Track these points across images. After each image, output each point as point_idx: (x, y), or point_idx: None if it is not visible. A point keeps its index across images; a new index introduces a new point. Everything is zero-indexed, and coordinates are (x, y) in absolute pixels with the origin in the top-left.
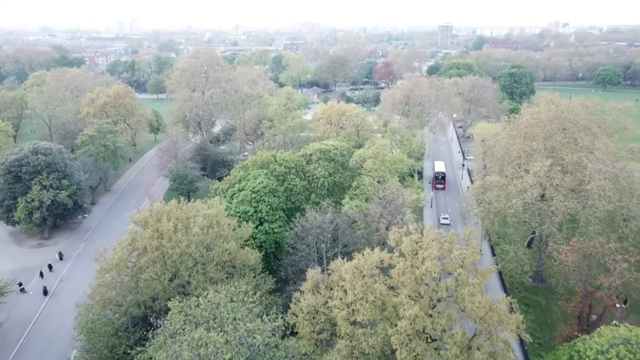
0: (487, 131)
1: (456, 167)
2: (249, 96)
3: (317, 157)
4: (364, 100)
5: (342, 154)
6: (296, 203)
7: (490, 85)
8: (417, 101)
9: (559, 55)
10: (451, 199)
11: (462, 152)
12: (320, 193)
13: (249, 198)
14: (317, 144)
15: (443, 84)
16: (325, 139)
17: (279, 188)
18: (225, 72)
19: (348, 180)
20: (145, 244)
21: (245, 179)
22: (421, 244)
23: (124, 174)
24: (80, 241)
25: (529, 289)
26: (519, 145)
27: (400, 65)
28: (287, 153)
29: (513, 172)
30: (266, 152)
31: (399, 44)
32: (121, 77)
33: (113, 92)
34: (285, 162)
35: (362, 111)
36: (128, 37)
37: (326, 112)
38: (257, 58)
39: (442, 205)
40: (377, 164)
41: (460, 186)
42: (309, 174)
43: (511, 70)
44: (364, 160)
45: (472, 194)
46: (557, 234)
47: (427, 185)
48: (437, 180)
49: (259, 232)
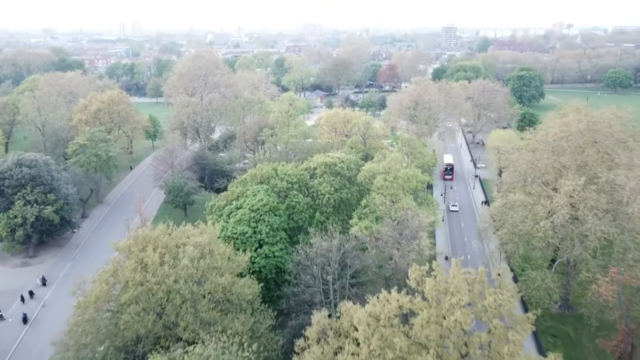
0: (502, 140)
1: (467, 176)
2: (250, 102)
3: (321, 171)
4: (369, 104)
5: (349, 168)
6: (299, 222)
7: (501, 89)
8: (426, 106)
9: (567, 57)
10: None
11: (474, 161)
12: (326, 211)
13: (247, 217)
14: (321, 157)
15: (452, 88)
16: (330, 148)
17: (280, 206)
18: (224, 76)
19: (356, 197)
20: (128, 278)
21: (243, 195)
22: (447, 286)
23: (119, 184)
24: (67, 260)
25: (555, 318)
26: (547, 160)
27: (404, 68)
28: (289, 166)
29: (540, 191)
30: (267, 165)
31: (402, 45)
32: (120, 80)
33: (107, 98)
34: (287, 176)
35: (368, 118)
36: (130, 39)
37: (330, 119)
38: (259, 61)
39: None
40: (388, 181)
41: (473, 200)
42: (313, 190)
43: (520, 73)
44: (374, 176)
45: (493, 214)
46: (590, 261)
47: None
48: (445, 172)
49: (258, 255)
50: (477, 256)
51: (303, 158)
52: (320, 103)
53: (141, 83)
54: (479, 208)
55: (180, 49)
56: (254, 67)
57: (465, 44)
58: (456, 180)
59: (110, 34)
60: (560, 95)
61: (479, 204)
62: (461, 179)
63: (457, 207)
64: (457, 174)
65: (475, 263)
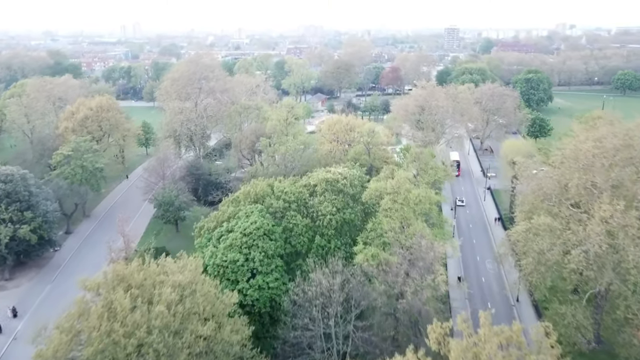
0: (516, 151)
1: (477, 185)
2: (247, 108)
3: (322, 189)
4: (372, 108)
5: (352, 184)
6: (297, 247)
7: (511, 93)
8: (433, 112)
9: (573, 58)
10: (465, 185)
11: (483, 170)
12: (327, 233)
13: (239, 243)
14: (322, 173)
15: (460, 93)
16: (331, 158)
17: (275, 229)
18: (220, 81)
19: (360, 217)
20: (93, 326)
21: (235, 216)
22: (478, 350)
23: (109, 195)
24: (46, 282)
25: (585, 355)
26: (577, 180)
27: (408, 70)
28: (287, 183)
29: (569, 214)
30: (262, 181)
31: (404, 47)
32: (117, 84)
33: (95, 105)
34: (285, 194)
35: (372, 126)
36: (130, 42)
37: (332, 127)
38: (258, 63)
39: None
40: (398, 203)
41: (485, 214)
42: (312, 210)
43: (527, 76)
44: (380, 196)
45: (515, 239)
46: (629, 297)
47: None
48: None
49: (251, 287)
50: (492, 279)
51: (302, 171)
52: (322, 107)
53: (138, 87)
54: (491, 223)
55: (180, 51)
56: (253, 70)
57: (468, 45)
58: (465, 192)
59: (111, 36)
60: (567, 98)
61: (492, 219)
62: (471, 192)
63: (464, 202)
64: (467, 186)
65: (491, 288)
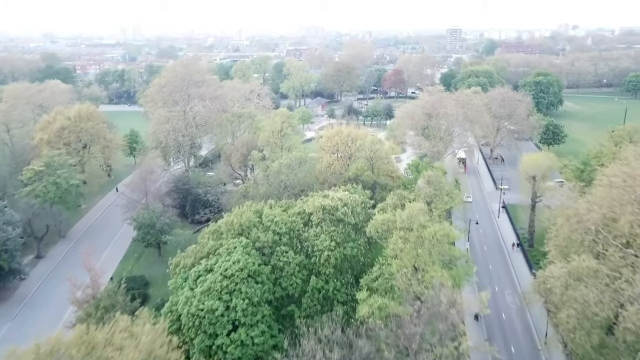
0: (537, 165)
1: (489, 199)
2: (239, 117)
3: (319, 219)
4: (374, 113)
5: (354, 213)
6: (289, 290)
7: (523, 98)
8: (441, 120)
9: (582, 60)
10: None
11: (495, 182)
12: (325, 273)
13: (218, 287)
14: (319, 199)
15: (471, 100)
16: (331, 175)
17: (263, 269)
18: (211, 87)
19: (364, 251)
20: None
21: (216, 252)
22: None
23: (90, 212)
24: (7, 320)
25: None
26: (632, 216)
27: (411, 73)
28: (278, 210)
29: (622, 256)
30: (249, 207)
31: (406, 48)
32: (110, 88)
33: (73, 115)
34: (275, 224)
35: (376, 139)
36: (129, 44)
37: (332, 139)
38: (256, 66)
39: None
40: (411, 242)
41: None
42: (307, 244)
43: (537, 79)
44: (389, 230)
45: (551, 287)
46: None
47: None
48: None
49: (232, 343)
50: (515, 316)
51: (298, 191)
52: (322, 112)
53: (132, 91)
54: (508, 247)
55: (179, 54)
56: (251, 74)
57: (471, 46)
58: (477, 208)
59: (112, 38)
60: (577, 101)
61: (508, 239)
62: (484, 207)
63: (472, 199)
64: (478, 200)
65: (513, 326)
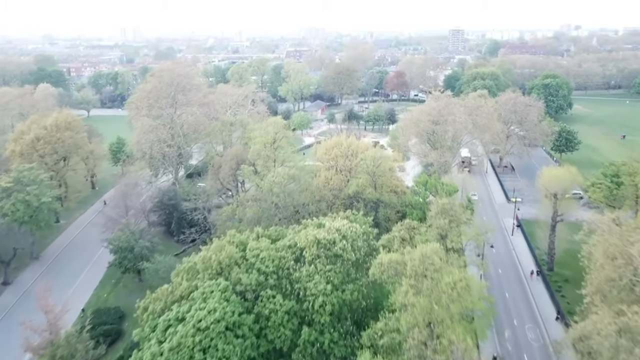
0: (558, 181)
1: (501, 215)
2: (230, 125)
3: (313, 255)
4: (375, 118)
5: (354, 247)
6: (276, 343)
7: (535, 103)
8: (449, 128)
9: (590, 61)
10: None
11: (506, 194)
12: (319, 321)
13: (190, 342)
14: (312, 229)
15: (481, 106)
16: (329, 190)
17: (245, 319)
18: (200, 92)
19: (365, 295)
20: None
21: (189, 297)
22: None
23: (68, 228)
24: None
25: None
26: None
27: (414, 75)
28: (265, 243)
29: None
30: (231, 239)
31: (408, 49)
32: (103, 91)
33: (50, 123)
34: (260, 260)
35: (378, 152)
36: (128, 45)
37: (330, 151)
38: (254, 68)
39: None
40: (425, 293)
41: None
42: (299, 286)
43: (546, 81)
44: (397, 273)
45: (595, 343)
46: None
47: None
48: (463, 164)
49: None
50: (538, 356)
51: (291, 213)
52: (321, 115)
53: (126, 94)
54: (526, 272)
55: (177, 55)
56: (248, 76)
57: (473, 47)
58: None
59: (111, 39)
60: (585, 103)
61: (524, 262)
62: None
63: (477, 196)
64: (489, 214)
65: None
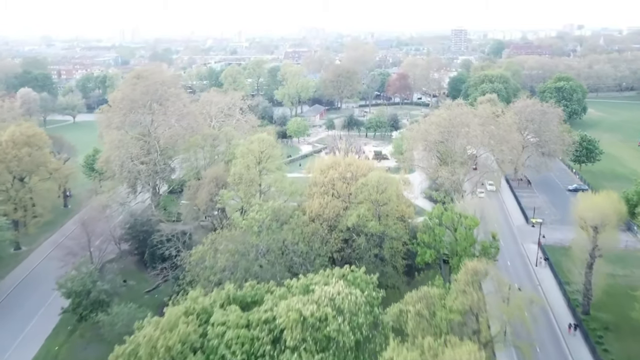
0: (600, 212)
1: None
2: (214, 138)
3: (296, 338)
4: (377, 124)
5: (353, 324)
6: None
7: (554, 110)
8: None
9: (601, 62)
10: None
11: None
12: None
13: None
14: (296, 300)
15: (498, 117)
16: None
17: None
18: (179, 102)
19: None
20: None
21: None
22: None
23: (29, 257)
24: None
25: None
26: None
27: (417, 77)
28: (234, 314)
29: None
30: (187, 309)
31: (409, 49)
32: (91, 95)
33: (5, 139)
34: (225, 345)
35: (383, 177)
36: (125, 46)
37: (326, 172)
38: (249, 70)
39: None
40: None
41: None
42: None
43: (558, 84)
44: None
45: None
46: None
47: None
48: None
49: None
50: None
51: (275, 256)
52: (320, 120)
53: None
54: (557, 315)
55: (173, 57)
56: (243, 79)
57: (476, 47)
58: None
59: (110, 40)
60: (598, 107)
61: (557, 309)
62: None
63: (484, 194)
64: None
65: None
